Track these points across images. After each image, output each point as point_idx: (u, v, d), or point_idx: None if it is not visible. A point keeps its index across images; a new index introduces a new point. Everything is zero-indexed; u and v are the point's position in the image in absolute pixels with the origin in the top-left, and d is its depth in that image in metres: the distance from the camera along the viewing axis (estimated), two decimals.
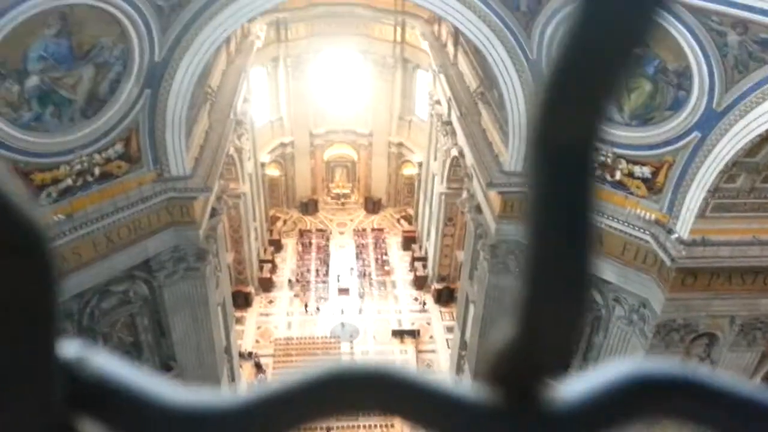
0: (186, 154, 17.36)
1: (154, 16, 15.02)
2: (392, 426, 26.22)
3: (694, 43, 13.93)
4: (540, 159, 0.50)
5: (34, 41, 13.64)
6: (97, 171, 15.94)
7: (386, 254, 36.75)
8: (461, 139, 22.74)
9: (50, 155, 14.99)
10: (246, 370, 28.47)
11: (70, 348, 0.54)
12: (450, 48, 26.17)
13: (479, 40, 16.75)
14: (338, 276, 34.90)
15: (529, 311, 0.55)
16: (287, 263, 36.28)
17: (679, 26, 13.81)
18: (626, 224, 16.41)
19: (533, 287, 0.54)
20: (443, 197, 29.19)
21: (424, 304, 32.97)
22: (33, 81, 14.06)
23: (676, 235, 15.55)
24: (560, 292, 0.54)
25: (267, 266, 34.16)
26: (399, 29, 33.86)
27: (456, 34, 24.43)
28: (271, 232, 37.66)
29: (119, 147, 16.23)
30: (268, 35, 31.94)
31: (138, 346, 19.39)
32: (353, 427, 26.09)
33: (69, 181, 15.46)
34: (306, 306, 32.53)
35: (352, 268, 35.71)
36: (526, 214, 0.54)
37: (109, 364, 0.56)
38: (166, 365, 20.23)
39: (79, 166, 15.52)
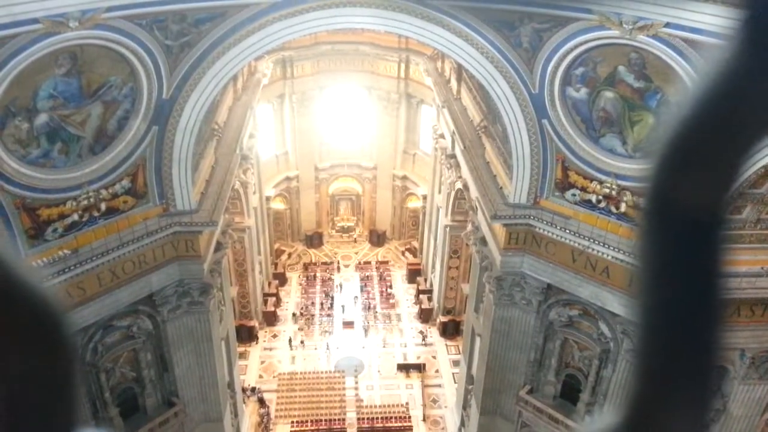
0: (192, 189, 17.48)
1: (162, 56, 15.31)
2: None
3: (695, 75, 14.07)
4: (664, 225, 0.48)
5: (44, 80, 13.89)
6: (103, 206, 16.04)
7: (391, 287, 36.56)
8: (465, 172, 22.85)
9: (57, 191, 15.10)
10: (249, 406, 28.05)
11: None
12: (453, 83, 26.52)
13: (482, 75, 16.98)
14: (343, 306, 34.71)
15: (644, 405, 0.49)
16: (291, 297, 36.10)
17: (680, 60, 13.98)
18: (633, 256, 16.30)
19: (652, 378, 0.49)
20: (448, 230, 29.17)
21: (427, 337, 32.61)
22: (42, 119, 14.26)
23: None
24: (685, 386, 0.48)
25: (271, 300, 33.98)
26: (403, 66, 34.43)
27: (459, 69, 24.79)
28: (275, 265, 37.59)
29: (126, 182, 16.36)
30: (274, 73, 32.53)
31: (140, 381, 19.18)
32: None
33: (75, 216, 15.54)
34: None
35: (356, 297, 35.54)
36: (640, 287, 0.49)
37: None
38: (169, 401, 19.98)
39: (85, 202, 15.62)
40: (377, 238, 40.54)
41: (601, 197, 16.86)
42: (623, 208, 16.56)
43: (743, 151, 0.44)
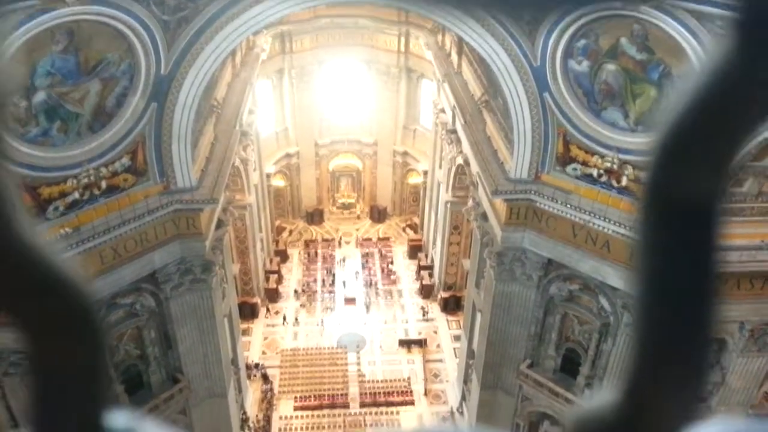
0: (192, 166, 17.44)
1: (160, 31, 15.14)
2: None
3: (698, 47, 13.92)
4: (663, 216, 0.49)
5: (41, 57, 13.77)
6: (103, 184, 16.02)
7: (392, 263, 36.72)
8: (466, 147, 22.77)
9: (57, 169, 15.07)
10: (253, 382, 28.39)
11: (118, 419, 0.55)
12: (454, 57, 26.27)
13: (483, 49, 16.81)
14: (344, 282, 34.93)
15: (642, 379, 0.51)
16: (293, 273, 36.29)
17: (683, 31, 13.82)
18: (633, 230, 16.34)
19: (648, 353, 0.51)
20: (449, 205, 29.19)
21: (428, 312, 32.88)
22: (40, 96, 14.18)
23: None
24: (680, 360, 0.50)
25: (273, 277, 34.17)
26: (403, 39, 34.04)
27: (460, 43, 24.53)
28: (276, 242, 37.71)
29: (126, 160, 16.31)
30: (273, 47, 32.18)
31: (145, 358, 19.38)
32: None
33: (76, 195, 15.54)
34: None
35: (357, 272, 35.73)
36: (639, 270, 0.51)
37: None
38: (173, 377, 20.22)
39: (86, 180, 15.60)
40: (378, 215, 40.58)
41: (602, 171, 16.81)
42: (624, 182, 16.53)
43: (740, 141, 0.47)
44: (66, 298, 0.51)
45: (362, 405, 27.65)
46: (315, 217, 40.26)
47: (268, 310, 32.83)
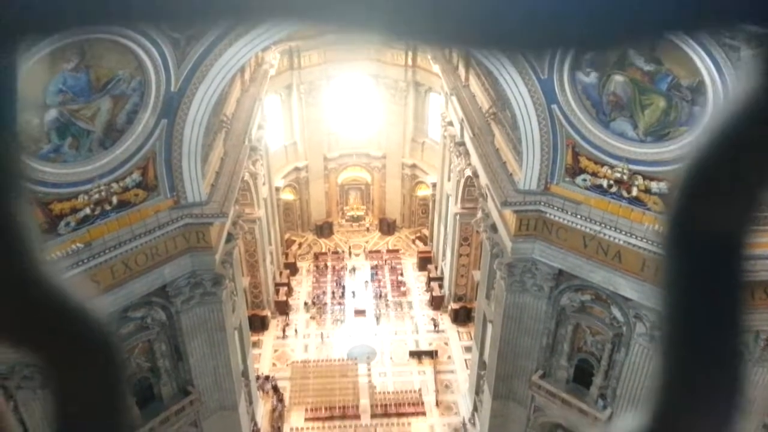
0: (202, 181, 17.56)
1: (169, 49, 15.33)
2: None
3: (707, 58, 13.89)
4: (688, 250, 0.49)
5: (53, 75, 13.97)
6: (114, 199, 16.17)
7: (402, 275, 36.65)
8: (475, 159, 22.78)
9: (69, 185, 15.24)
10: (264, 394, 28.34)
11: None
12: (461, 70, 26.36)
13: (490, 61, 16.86)
14: (353, 292, 34.89)
15: (672, 401, 0.52)
16: (303, 286, 36.30)
17: (691, 42, 13.80)
18: (644, 240, 16.25)
19: (678, 375, 0.52)
20: (458, 217, 29.15)
21: (438, 324, 32.73)
22: (52, 114, 14.37)
23: None
24: (711, 383, 0.50)
25: (283, 289, 34.20)
26: (410, 53, 34.21)
27: (467, 57, 24.61)
28: (286, 255, 37.77)
29: (136, 175, 16.47)
30: (281, 63, 32.46)
31: (156, 371, 19.43)
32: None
33: (87, 210, 15.68)
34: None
35: (366, 282, 35.68)
36: (668, 297, 0.51)
37: None
38: (184, 390, 20.24)
39: (97, 195, 15.75)
40: (387, 227, 40.58)
41: (612, 182, 16.75)
42: (635, 192, 16.45)
43: (765, 179, 0.46)
44: (86, 330, 0.52)
45: (373, 416, 27.51)
46: (324, 230, 40.32)
47: (285, 327, 32.80)
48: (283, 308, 33.50)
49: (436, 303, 33.75)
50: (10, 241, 0.45)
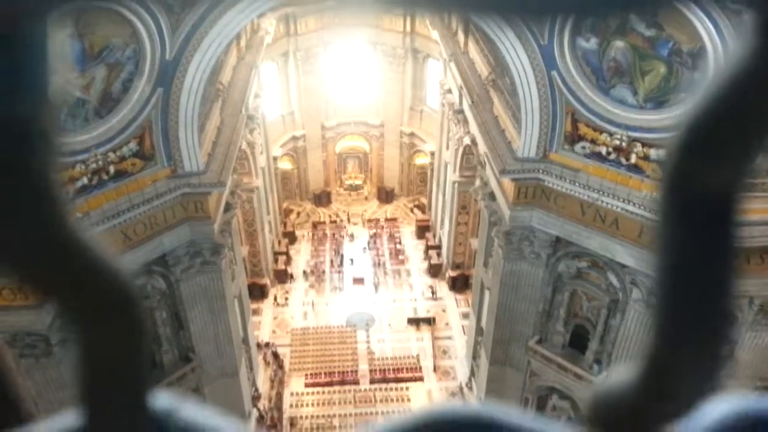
0: (199, 150, 17.49)
1: (164, 16, 15.08)
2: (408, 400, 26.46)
3: (708, 23, 13.72)
4: (684, 206, 0.50)
5: None
6: (112, 169, 16.12)
7: (400, 243, 36.81)
8: (473, 127, 22.65)
9: (66, 155, 15.16)
10: (264, 360, 28.74)
11: (160, 401, 0.58)
12: (460, 36, 25.99)
13: (490, 27, 16.63)
14: (351, 260, 35.13)
15: (661, 356, 0.54)
16: (302, 255, 36.48)
17: (693, 6, 13.60)
18: (642, 207, 16.30)
19: (668, 331, 0.54)
20: (456, 186, 29.13)
21: (436, 291, 33.04)
22: None
23: None
24: (699, 339, 0.53)
25: (282, 258, 34.38)
26: (408, 19, 33.67)
27: (466, 22, 24.24)
28: (285, 224, 37.84)
29: (133, 145, 16.38)
30: (277, 30, 31.92)
31: (157, 339, 19.65)
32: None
33: (85, 180, 15.65)
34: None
35: (364, 248, 35.87)
36: (661, 256, 0.53)
37: (199, 415, 0.59)
38: (186, 357, 20.53)
39: (94, 165, 15.70)
40: (386, 195, 40.57)
41: (611, 149, 16.71)
42: (633, 159, 16.43)
43: (762, 139, 0.47)
44: (114, 286, 0.53)
45: (372, 381, 27.98)
46: (322, 198, 40.32)
47: (283, 297, 33.10)
48: (282, 276, 33.74)
49: (434, 271, 33.99)
50: (47, 195, 0.47)
